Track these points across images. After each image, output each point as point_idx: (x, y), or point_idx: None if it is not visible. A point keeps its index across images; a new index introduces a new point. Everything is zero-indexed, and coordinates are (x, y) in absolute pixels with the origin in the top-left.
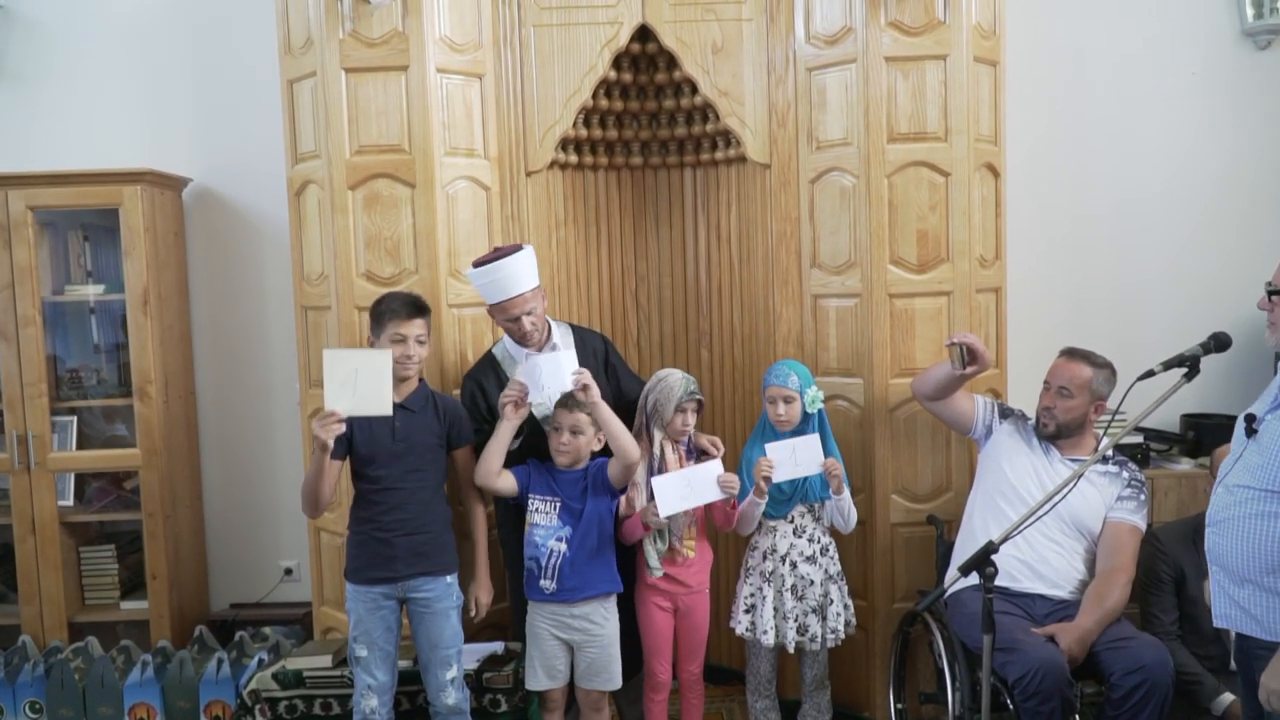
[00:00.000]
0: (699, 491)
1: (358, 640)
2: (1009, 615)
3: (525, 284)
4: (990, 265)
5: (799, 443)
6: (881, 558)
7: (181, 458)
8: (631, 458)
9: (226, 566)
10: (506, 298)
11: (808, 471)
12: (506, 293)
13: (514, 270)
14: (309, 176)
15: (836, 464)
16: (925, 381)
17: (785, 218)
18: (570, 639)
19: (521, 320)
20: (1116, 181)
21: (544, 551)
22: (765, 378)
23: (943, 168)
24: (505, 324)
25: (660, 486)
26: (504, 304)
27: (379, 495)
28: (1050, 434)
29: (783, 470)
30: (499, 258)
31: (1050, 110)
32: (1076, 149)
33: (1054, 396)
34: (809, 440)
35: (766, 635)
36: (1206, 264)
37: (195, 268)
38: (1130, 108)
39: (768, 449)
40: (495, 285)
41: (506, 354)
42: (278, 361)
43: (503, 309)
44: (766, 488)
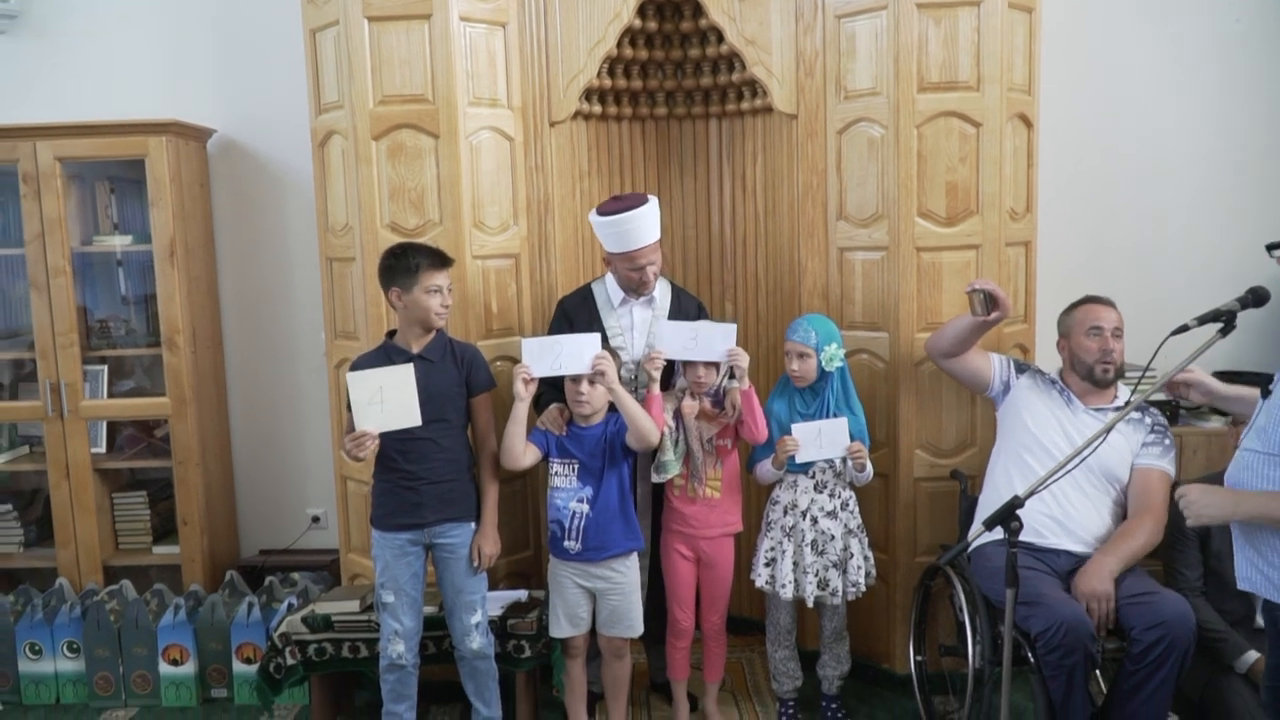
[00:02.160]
0: (828, 446)
1: (384, 586)
2: (1032, 570)
3: (652, 235)
4: (1021, 218)
5: (826, 425)
6: (904, 512)
7: (210, 407)
8: (649, 441)
9: (255, 513)
10: (634, 248)
11: (832, 454)
12: (634, 243)
13: (644, 221)
14: (333, 127)
15: (861, 448)
16: (942, 337)
17: (812, 169)
18: (593, 587)
19: (645, 270)
20: (1149, 133)
21: (566, 514)
22: (786, 333)
23: (974, 118)
24: (627, 272)
25: (801, 433)
26: (630, 254)
27: (404, 444)
28: (1110, 379)
29: (807, 451)
30: (627, 208)
31: (1084, 59)
32: (1108, 98)
33: (1110, 339)
34: (837, 424)
35: (786, 589)
36: (1240, 218)
37: (220, 219)
38: (1168, 57)
39: (794, 429)
40: (624, 235)
41: (606, 294)
42: (303, 312)
43: (628, 258)
44: (784, 462)
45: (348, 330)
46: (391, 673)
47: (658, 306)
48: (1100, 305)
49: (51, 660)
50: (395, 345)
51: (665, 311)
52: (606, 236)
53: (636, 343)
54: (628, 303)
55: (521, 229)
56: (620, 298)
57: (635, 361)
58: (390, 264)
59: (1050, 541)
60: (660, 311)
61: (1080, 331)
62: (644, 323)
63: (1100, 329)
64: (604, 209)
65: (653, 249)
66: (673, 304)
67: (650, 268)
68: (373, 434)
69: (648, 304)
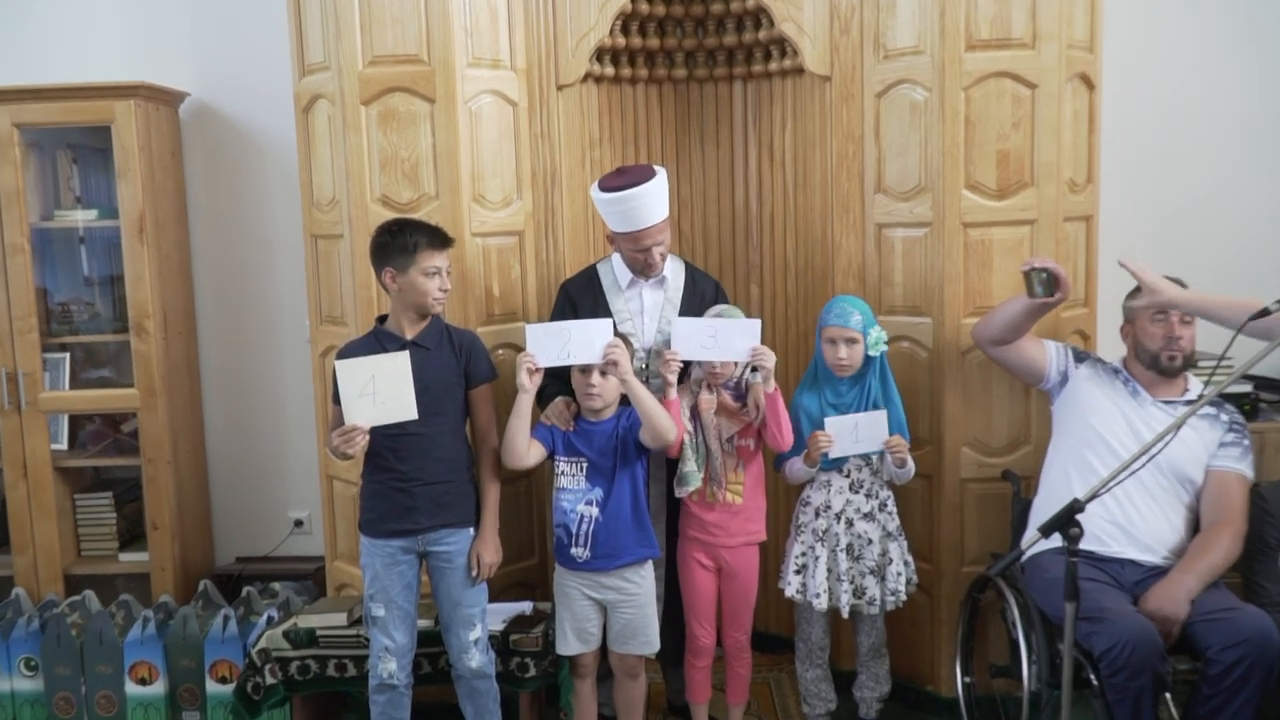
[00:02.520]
0: (864, 440)
1: (374, 599)
2: (1095, 582)
3: (659, 213)
4: (1081, 190)
5: (864, 419)
6: (949, 516)
7: (182, 399)
8: (666, 440)
9: (232, 517)
10: (639, 228)
11: (868, 448)
12: (639, 223)
13: (649, 199)
14: (318, 90)
15: (902, 441)
16: (991, 322)
17: (847, 136)
18: (603, 599)
19: (652, 251)
20: (1221, 95)
21: (573, 517)
22: (822, 316)
23: (1029, 79)
24: (631, 253)
25: (835, 427)
26: (635, 234)
27: (396, 441)
28: (1178, 368)
29: (842, 446)
30: (632, 183)
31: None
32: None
33: (1179, 325)
34: (875, 416)
35: (819, 598)
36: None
37: (194, 192)
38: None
39: (828, 423)
40: (628, 213)
41: (612, 275)
42: (285, 295)
43: (633, 239)
44: (819, 460)
45: (334, 315)
46: (382, 694)
47: (670, 288)
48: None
49: (7, 679)
50: (387, 331)
51: (678, 293)
52: (609, 214)
53: (647, 328)
54: (636, 284)
55: (526, 203)
56: (628, 279)
57: (646, 349)
58: (384, 242)
59: (1114, 550)
60: (673, 294)
61: (1145, 316)
62: (655, 306)
63: (1166, 313)
64: (606, 184)
65: (660, 228)
66: (686, 285)
67: (657, 249)
68: (363, 428)
69: (659, 285)
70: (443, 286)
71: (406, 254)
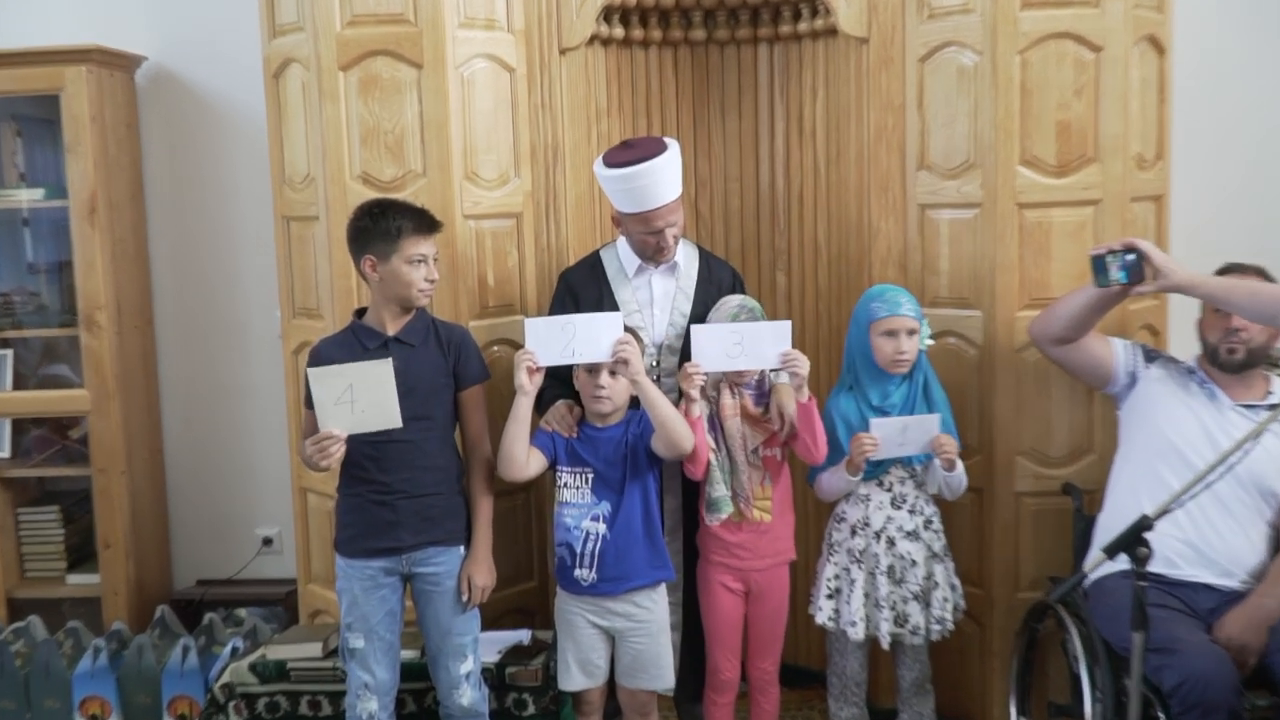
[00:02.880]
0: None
1: (352, 628)
2: (1165, 609)
3: (672, 191)
4: (1150, 167)
5: (913, 422)
6: (1003, 536)
7: (138, 401)
8: (681, 448)
9: (193, 534)
10: (649, 208)
11: (914, 451)
12: (649, 202)
13: (661, 175)
14: (290, 54)
15: (951, 440)
16: (1052, 317)
17: (886, 106)
18: (611, 627)
19: (664, 234)
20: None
21: (577, 535)
22: (866, 308)
23: (1092, 41)
24: (641, 236)
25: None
26: (645, 214)
27: (377, 449)
28: (1239, 363)
29: (887, 447)
30: (641, 158)
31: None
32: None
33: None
34: (927, 420)
35: (855, 627)
36: None
37: (152, 168)
38: None
39: (873, 425)
40: (637, 192)
41: (617, 261)
42: (254, 284)
43: (643, 220)
44: (862, 467)
45: (308, 307)
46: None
47: (682, 275)
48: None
49: None
50: (365, 326)
51: (692, 282)
52: (616, 193)
53: (658, 321)
54: (645, 271)
55: (524, 182)
56: (636, 265)
57: (657, 344)
58: (364, 226)
59: (1186, 573)
60: (686, 282)
61: (1209, 305)
62: (666, 295)
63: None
64: (612, 159)
65: (672, 208)
66: (701, 272)
67: (670, 230)
68: (339, 437)
69: (670, 272)
70: (429, 276)
71: (389, 239)
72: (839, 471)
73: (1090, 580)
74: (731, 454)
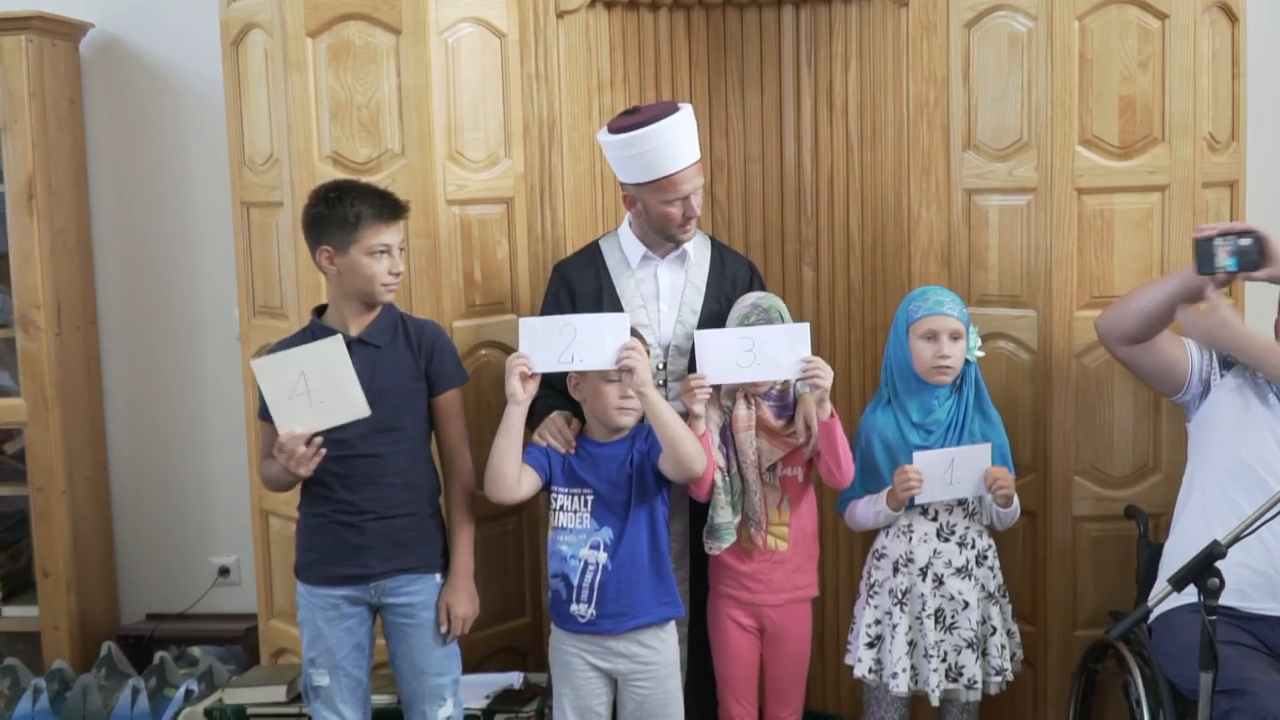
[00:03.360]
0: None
1: (315, 663)
2: (1237, 645)
3: (690, 154)
4: (1223, 149)
5: (961, 455)
6: (1059, 565)
7: (81, 412)
8: (692, 470)
9: (142, 562)
10: (667, 173)
11: (966, 493)
12: (665, 167)
13: (675, 135)
14: (251, 18)
15: (1007, 474)
16: (1125, 313)
17: (928, 78)
18: (613, 669)
19: (690, 200)
20: None
21: (575, 565)
22: (906, 309)
23: (1158, 7)
24: (662, 208)
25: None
26: (663, 181)
27: (341, 464)
28: None
29: (933, 488)
30: (649, 120)
31: None
32: None
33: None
34: (977, 451)
35: (899, 679)
36: None
37: (97, 149)
38: None
39: (917, 459)
40: (649, 157)
41: (620, 253)
42: (209, 278)
43: (661, 188)
44: (905, 501)
45: (271, 305)
46: None
47: (692, 266)
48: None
49: None
50: (325, 326)
51: (703, 274)
52: (623, 162)
53: (665, 318)
54: (650, 261)
55: (516, 163)
56: (640, 254)
57: (664, 345)
58: (319, 213)
59: (1259, 606)
60: (696, 274)
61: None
62: (674, 289)
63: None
64: (617, 124)
65: (695, 171)
66: (714, 265)
67: (694, 198)
68: (305, 436)
69: (679, 263)
70: (393, 269)
71: (346, 228)
72: (877, 502)
73: (1155, 615)
74: (744, 472)
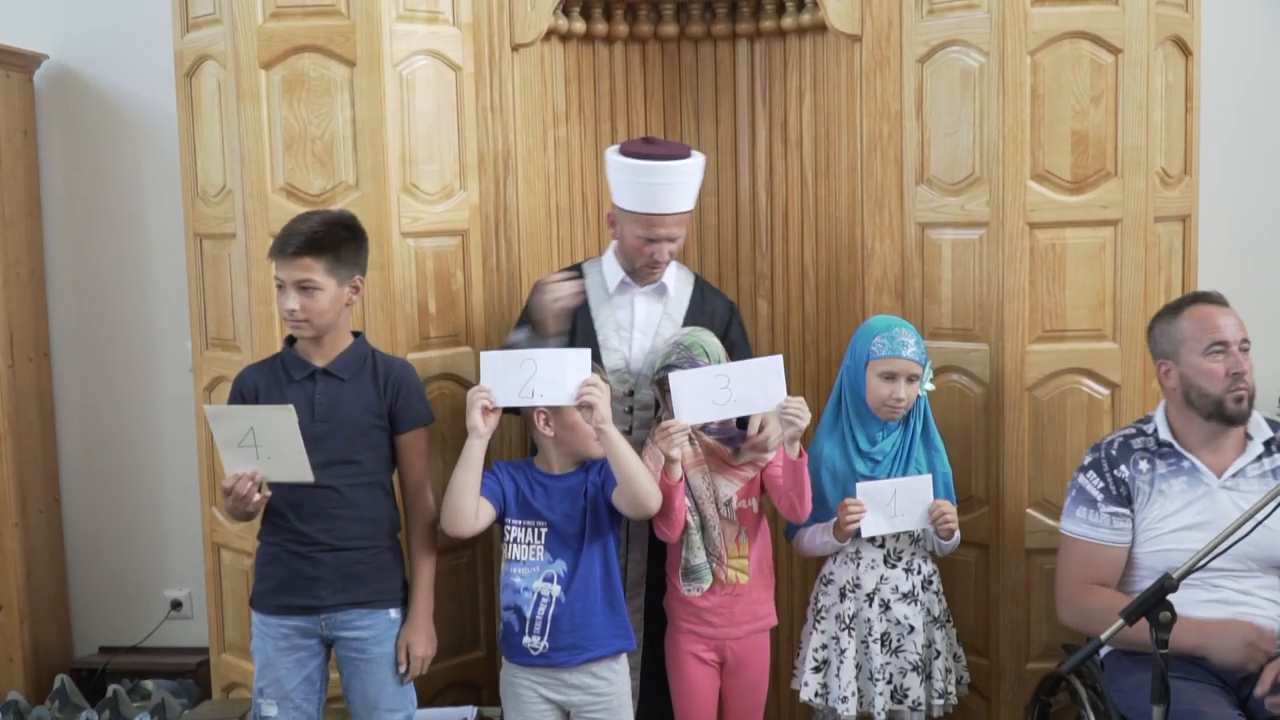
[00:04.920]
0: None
1: (264, 693)
2: (1189, 681)
3: (685, 201)
4: (1176, 183)
5: (903, 485)
6: (1011, 599)
7: (33, 443)
8: (646, 507)
9: (94, 595)
10: (658, 211)
11: (910, 525)
12: (658, 205)
13: (682, 180)
14: (205, 50)
15: (950, 507)
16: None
17: (881, 113)
18: (565, 701)
19: (661, 246)
20: None
21: (527, 598)
22: (863, 344)
23: (1111, 42)
24: (635, 242)
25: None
26: (651, 217)
27: (296, 494)
28: (1245, 413)
29: (875, 521)
30: (666, 155)
31: None
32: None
33: (1239, 356)
34: (919, 483)
35: (846, 703)
36: None
37: (50, 179)
38: None
39: (860, 490)
40: (651, 190)
41: (600, 277)
42: (163, 310)
43: (645, 223)
44: (850, 533)
45: (224, 337)
46: None
47: (671, 301)
48: (1214, 307)
49: None
50: (294, 355)
51: (682, 309)
52: (627, 185)
53: (636, 346)
54: (629, 289)
55: (471, 195)
56: (619, 280)
57: (634, 372)
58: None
59: None
60: (675, 308)
61: (1195, 350)
62: (650, 320)
63: (1225, 344)
64: (634, 149)
65: (680, 220)
66: (694, 300)
67: (668, 245)
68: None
69: (657, 295)
70: (288, 306)
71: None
72: (823, 533)
73: (1108, 650)
74: (701, 509)
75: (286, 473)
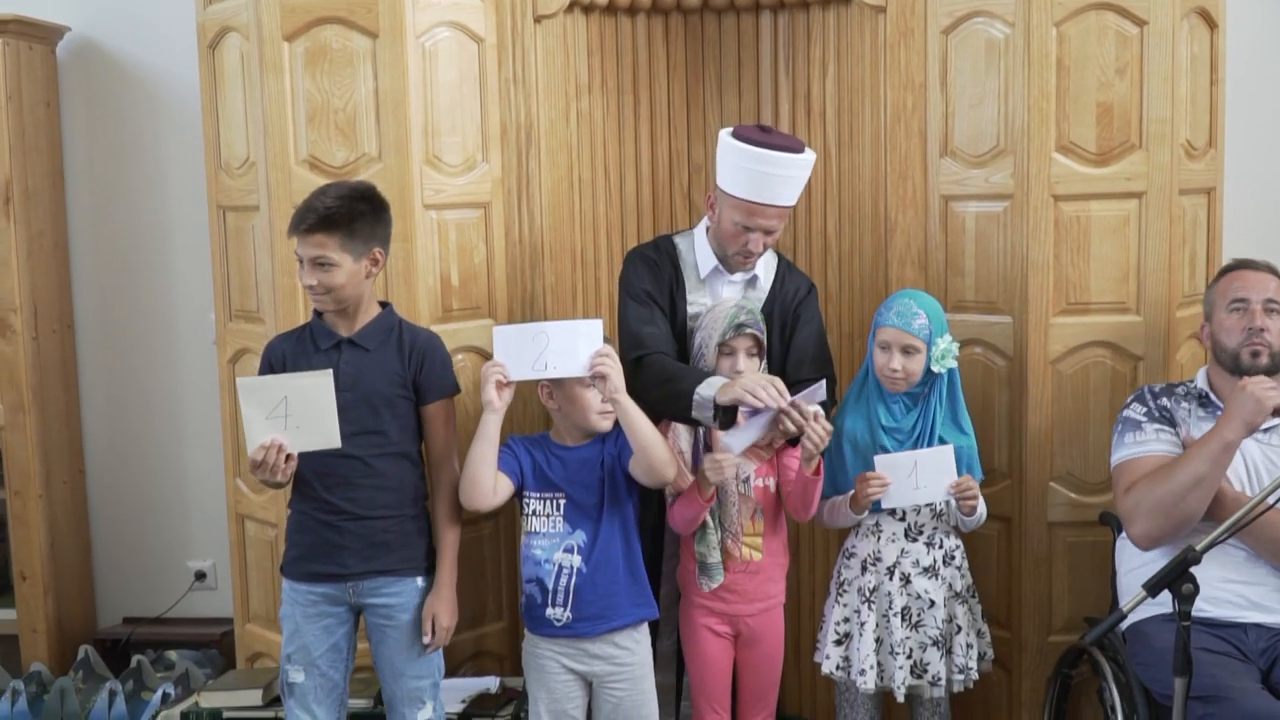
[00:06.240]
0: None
1: (292, 659)
2: (1211, 653)
3: (792, 195)
4: (1201, 155)
5: (925, 456)
6: (1034, 571)
7: (57, 415)
8: (662, 475)
9: (118, 566)
10: (763, 201)
11: (932, 498)
12: (766, 195)
13: (789, 174)
14: (228, 22)
15: (972, 483)
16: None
17: (905, 84)
18: (589, 671)
19: (757, 237)
20: None
21: (548, 569)
22: (878, 314)
23: (1136, 13)
24: (732, 228)
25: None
26: (754, 205)
27: (323, 464)
28: (1265, 368)
29: (897, 493)
30: (780, 147)
31: None
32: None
33: (1262, 314)
34: (939, 454)
35: (866, 676)
36: None
37: (74, 152)
38: None
39: (878, 463)
40: (762, 179)
41: (692, 250)
42: (186, 282)
43: (748, 210)
44: (868, 506)
45: (247, 309)
46: None
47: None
48: (1250, 271)
49: None
50: (322, 326)
51: (761, 296)
52: (739, 170)
53: None
54: (719, 275)
55: (494, 167)
56: (711, 266)
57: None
58: None
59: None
60: (758, 295)
61: (1221, 307)
62: None
63: (1245, 301)
64: (746, 134)
65: (780, 214)
66: (774, 286)
67: (765, 238)
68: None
69: (746, 285)
70: (307, 281)
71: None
72: (842, 506)
73: (1129, 622)
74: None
75: (313, 441)
